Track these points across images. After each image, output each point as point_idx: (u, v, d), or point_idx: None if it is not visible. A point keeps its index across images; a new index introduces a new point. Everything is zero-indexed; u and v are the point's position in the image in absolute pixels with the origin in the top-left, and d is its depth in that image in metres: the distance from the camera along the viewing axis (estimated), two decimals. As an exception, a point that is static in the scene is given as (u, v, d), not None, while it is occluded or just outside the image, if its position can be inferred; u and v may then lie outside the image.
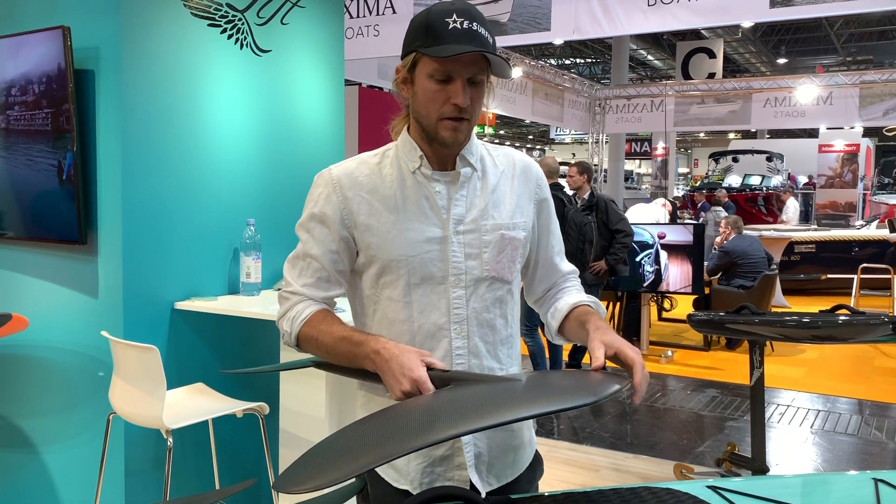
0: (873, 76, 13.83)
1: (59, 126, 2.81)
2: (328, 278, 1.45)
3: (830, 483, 1.48)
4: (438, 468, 1.41)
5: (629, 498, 1.19)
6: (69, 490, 3.07)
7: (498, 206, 1.45)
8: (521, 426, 1.50)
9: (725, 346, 7.43)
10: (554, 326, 1.52)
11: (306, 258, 1.45)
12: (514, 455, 1.48)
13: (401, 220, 1.41)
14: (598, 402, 1.11)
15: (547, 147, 35.75)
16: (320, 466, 1.07)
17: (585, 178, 5.73)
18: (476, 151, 1.46)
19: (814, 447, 4.69)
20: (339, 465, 1.04)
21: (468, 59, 1.33)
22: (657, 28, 6.31)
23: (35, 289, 3.09)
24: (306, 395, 2.78)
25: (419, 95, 1.38)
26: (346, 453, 1.08)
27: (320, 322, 1.41)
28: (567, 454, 4.41)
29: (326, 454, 1.11)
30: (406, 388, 1.23)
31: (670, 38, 19.15)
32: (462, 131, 1.38)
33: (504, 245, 1.44)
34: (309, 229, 1.45)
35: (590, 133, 17.24)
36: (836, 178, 19.52)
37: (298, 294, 1.45)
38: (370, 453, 1.05)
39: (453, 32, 1.31)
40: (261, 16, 3.28)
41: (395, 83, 1.43)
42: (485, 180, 1.46)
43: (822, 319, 3.22)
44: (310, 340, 1.42)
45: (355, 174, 1.44)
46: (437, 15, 1.34)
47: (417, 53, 1.36)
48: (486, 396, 1.19)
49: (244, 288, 3.13)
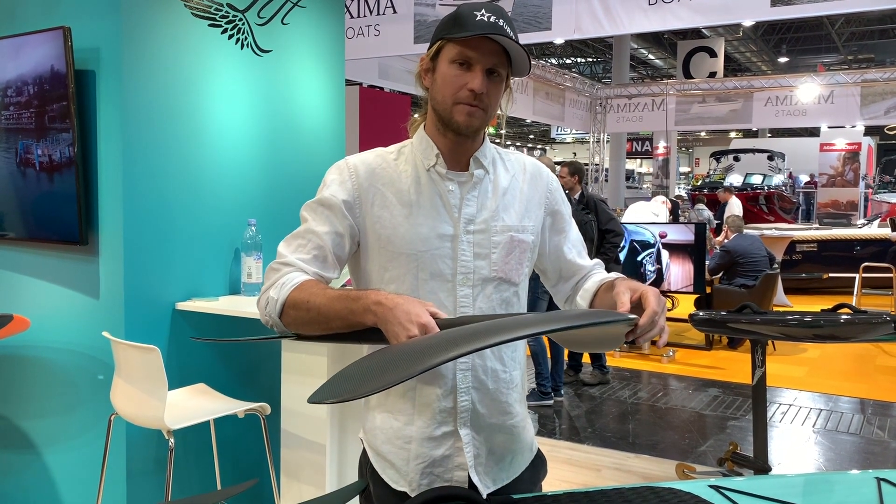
0: (874, 75, 13.83)
1: (60, 127, 2.81)
2: (325, 258, 1.41)
3: (833, 482, 1.48)
4: (438, 469, 1.41)
5: (631, 497, 1.18)
6: (71, 491, 3.07)
7: (508, 209, 1.46)
8: (525, 430, 1.50)
9: (727, 346, 7.42)
10: (583, 307, 1.50)
11: (307, 234, 1.41)
12: (513, 457, 1.48)
13: (413, 214, 1.41)
14: (609, 323, 1.17)
15: (548, 146, 35.74)
16: (350, 385, 1.07)
17: (577, 179, 5.72)
18: (489, 154, 1.48)
19: (816, 446, 4.68)
20: (370, 382, 1.05)
21: (490, 49, 1.36)
22: (658, 27, 6.30)
23: (36, 289, 3.09)
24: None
25: (438, 81, 1.40)
26: (377, 371, 1.07)
27: (312, 286, 1.34)
28: (569, 454, 4.41)
29: (354, 377, 1.09)
30: (414, 332, 1.17)
31: (671, 37, 19.15)
32: (476, 118, 1.39)
33: (513, 247, 1.45)
34: (315, 210, 1.43)
35: (591, 132, 17.25)
36: (838, 177, 19.52)
37: (291, 265, 1.39)
38: (400, 368, 1.04)
39: (480, 23, 1.35)
40: (261, 16, 3.28)
41: (416, 75, 1.46)
42: (496, 183, 1.47)
43: (824, 318, 3.21)
44: (298, 305, 1.33)
45: (372, 165, 1.45)
46: (467, 8, 1.37)
47: (443, 41, 1.39)
48: (502, 321, 1.20)
49: (245, 288, 3.13)
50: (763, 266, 7.38)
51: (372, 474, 1.47)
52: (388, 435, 1.43)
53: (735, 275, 7.42)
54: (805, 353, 7.22)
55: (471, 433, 1.41)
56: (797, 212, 20.13)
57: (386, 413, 1.44)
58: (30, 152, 2.95)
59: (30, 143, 2.94)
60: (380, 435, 1.45)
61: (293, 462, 2.83)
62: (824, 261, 10.68)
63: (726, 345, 7.44)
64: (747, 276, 7.33)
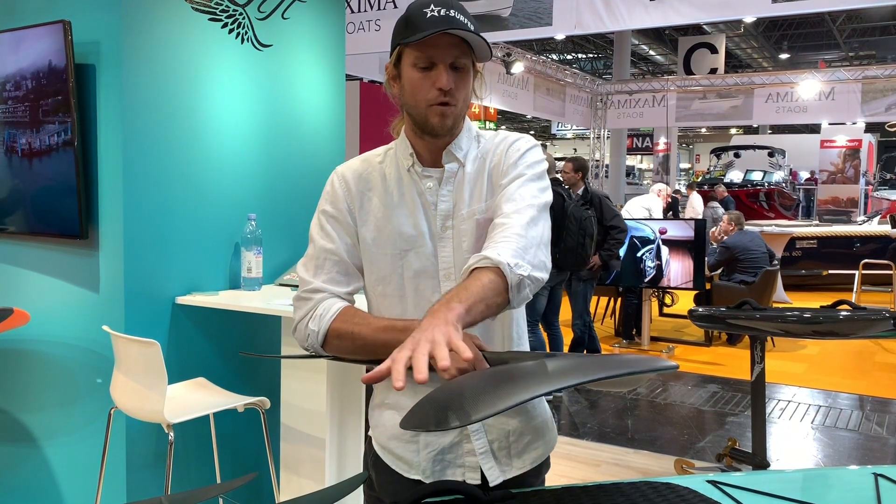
0: (875, 71, 13.81)
1: (60, 121, 2.81)
2: (347, 271, 1.44)
3: (830, 478, 1.48)
4: (449, 455, 1.41)
5: (629, 492, 1.19)
6: (71, 484, 3.08)
7: (474, 194, 1.44)
8: (541, 414, 1.48)
9: (726, 342, 7.43)
10: None
11: (323, 254, 1.44)
12: (528, 441, 1.45)
13: (396, 216, 1.43)
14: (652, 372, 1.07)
15: (549, 142, 35.71)
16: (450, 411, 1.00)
17: (580, 176, 5.74)
18: (465, 145, 1.46)
19: (814, 443, 4.69)
20: (479, 407, 0.97)
21: (448, 43, 1.34)
22: (659, 23, 6.29)
23: (36, 283, 3.09)
24: (307, 390, 2.78)
25: (406, 87, 1.39)
26: (469, 400, 1.01)
27: (353, 316, 1.38)
28: (568, 449, 4.42)
29: (446, 401, 1.03)
30: (463, 366, 1.13)
31: (672, 33, 19.11)
32: (449, 117, 1.38)
33: (480, 231, 1.40)
34: (322, 226, 1.46)
35: (591, 128, 17.23)
36: (838, 174, 19.52)
37: (321, 291, 1.41)
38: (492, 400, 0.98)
39: (431, 20, 1.33)
40: (262, 10, 3.27)
41: (385, 84, 1.45)
42: (470, 172, 1.45)
43: (824, 315, 3.21)
44: (343, 336, 1.36)
45: (359, 171, 1.48)
46: (416, 8, 1.36)
47: (400, 47, 1.38)
48: (564, 362, 1.16)
49: (245, 283, 3.13)
50: (763, 262, 7.38)
51: (378, 465, 1.48)
52: (396, 431, 1.44)
53: (735, 271, 7.42)
54: (804, 350, 7.22)
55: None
56: (797, 208, 20.14)
57: (392, 411, 1.46)
58: (30, 146, 2.95)
59: (29, 136, 2.94)
60: (387, 432, 1.46)
61: (293, 456, 2.84)
62: (824, 257, 10.69)
63: (726, 341, 7.45)
64: (747, 272, 7.33)
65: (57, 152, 2.84)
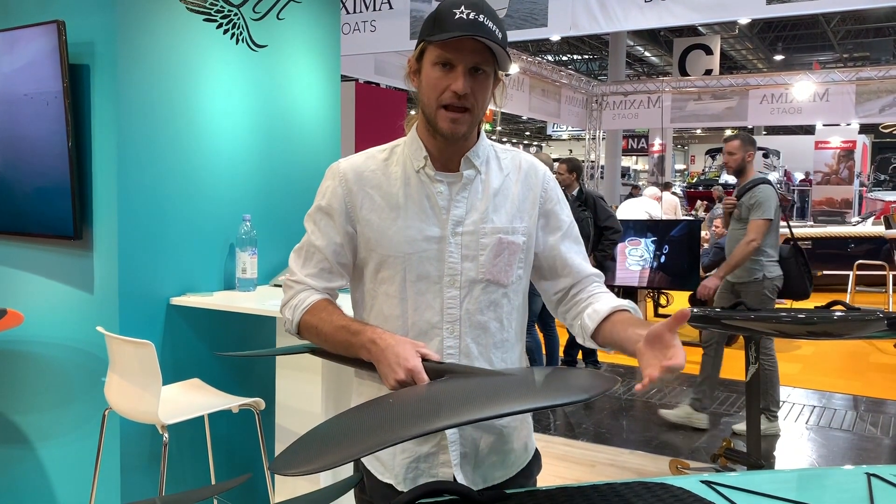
0: (870, 73, 13.83)
1: (54, 121, 2.80)
2: (330, 269, 1.48)
3: (824, 477, 1.49)
4: (423, 464, 1.42)
5: (623, 492, 1.19)
6: (65, 485, 3.07)
7: (498, 209, 1.44)
8: (518, 430, 1.50)
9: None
10: (590, 328, 1.45)
11: (311, 249, 1.49)
12: (503, 458, 1.47)
13: (401, 217, 1.42)
14: (588, 400, 1.11)
15: (544, 143, 35.73)
16: (317, 451, 1.08)
17: (574, 176, 5.75)
18: (483, 154, 1.46)
19: (809, 443, 4.70)
20: (336, 450, 1.05)
21: (470, 47, 1.34)
22: (654, 24, 6.29)
23: (30, 284, 3.08)
24: (302, 391, 2.78)
25: (423, 84, 1.39)
26: (344, 439, 1.09)
27: (321, 311, 1.44)
28: (563, 449, 4.42)
29: (323, 439, 1.12)
30: (401, 377, 1.25)
31: (667, 34, 19.15)
32: (462, 124, 1.37)
33: (501, 249, 1.43)
34: (315, 221, 1.49)
35: (587, 129, 17.22)
36: (833, 175, 19.56)
37: (302, 283, 1.48)
38: (367, 440, 1.06)
39: (458, 22, 1.33)
40: (257, 11, 3.27)
41: (405, 76, 1.45)
42: (487, 183, 1.45)
43: (818, 315, 3.22)
44: (310, 328, 1.45)
45: (361, 168, 1.46)
46: (447, 6, 1.36)
47: (424, 43, 1.38)
48: (481, 389, 1.19)
49: (240, 283, 3.12)
50: (757, 263, 7.37)
51: (362, 465, 1.49)
52: None
53: (730, 272, 7.42)
54: (799, 350, 7.24)
55: (457, 433, 1.42)
56: (792, 209, 20.18)
57: None
58: (23, 147, 2.94)
59: (23, 137, 2.93)
60: None
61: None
62: (818, 258, 10.70)
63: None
64: (742, 273, 7.33)
65: (51, 153, 2.83)
